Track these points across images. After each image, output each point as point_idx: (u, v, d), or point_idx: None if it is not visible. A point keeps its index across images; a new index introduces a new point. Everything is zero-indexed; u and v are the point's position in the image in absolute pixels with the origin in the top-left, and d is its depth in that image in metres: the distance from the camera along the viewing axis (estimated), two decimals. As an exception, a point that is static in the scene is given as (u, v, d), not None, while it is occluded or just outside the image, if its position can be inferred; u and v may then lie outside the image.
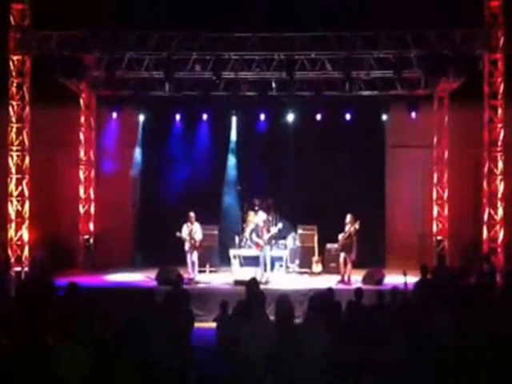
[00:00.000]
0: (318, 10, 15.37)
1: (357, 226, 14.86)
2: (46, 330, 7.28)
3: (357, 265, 15.44)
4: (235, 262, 16.11)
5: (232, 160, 18.57)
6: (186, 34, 15.18)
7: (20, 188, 15.80)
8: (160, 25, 15.37)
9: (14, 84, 15.67)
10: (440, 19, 14.78)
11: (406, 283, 11.14)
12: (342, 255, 15.18)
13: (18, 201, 15.78)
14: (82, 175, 18.36)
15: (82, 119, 18.35)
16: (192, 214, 15.26)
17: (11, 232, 15.71)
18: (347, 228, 15.10)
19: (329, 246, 16.80)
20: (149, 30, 15.32)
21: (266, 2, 15.49)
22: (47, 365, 5.99)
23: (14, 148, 15.80)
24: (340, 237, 15.26)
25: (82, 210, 18.38)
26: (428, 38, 14.97)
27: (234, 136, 18.46)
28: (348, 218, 15.12)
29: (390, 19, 15.01)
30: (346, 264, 15.14)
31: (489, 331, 7.67)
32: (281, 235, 16.89)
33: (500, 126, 15.47)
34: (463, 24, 14.99)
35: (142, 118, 18.01)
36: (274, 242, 15.79)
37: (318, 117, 17.29)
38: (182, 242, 15.21)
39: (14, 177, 15.79)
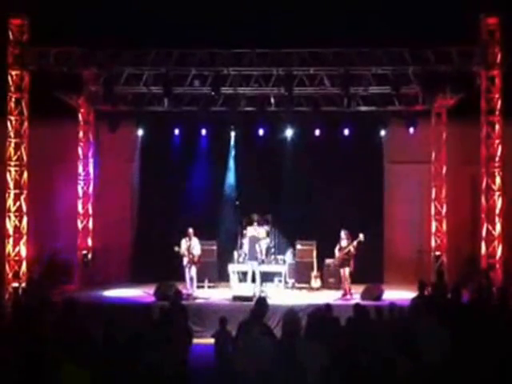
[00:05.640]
0: (317, 25, 15.44)
1: (355, 243, 14.89)
2: (45, 347, 7.23)
3: (355, 280, 15.44)
4: (234, 278, 16.07)
5: (230, 175, 18.58)
6: (184, 50, 15.25)
7: (18, 203, 15.78)
8: (159, 40, 15.44)
9: (13, 99, 15.70)
10: (437, 36, 14.87)
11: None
12: (342, 270, 15.22)
13: (15, 216, 15.75)
14: (80, 190, 18.36)
15: (81, 134, 18.38)
16: (191, 230, 15.24)
17: (9, 247, 15.67)
18: (344, 243, 15.12)
19: (328, 261, 16.77)
20: (148, 45, 15.38)
21: (264, 17, 15.56)
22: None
23: (12, 163, 15.79)
24: (336, 251, 15.28)
25: (80, 226, 18.36)
26: (425, 55, 15.06)
27: (232, 151, 18.47)
28: (343, 233, 15.16)
29: (388, 36, 15.09)
30: (346, 278, 15.17)
31: (482, 347, 7.66)
32: (279, 251, 16.95)
33: (497, 141, 15.53)
34: (460, 41, 15.09)
35: (140, 133, 18.02)
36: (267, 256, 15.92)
37: (317, 132, 17.37)
38: (180, 257, 15.18)
39: (12, 192, 15.77)
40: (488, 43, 15.15)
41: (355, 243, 14.94)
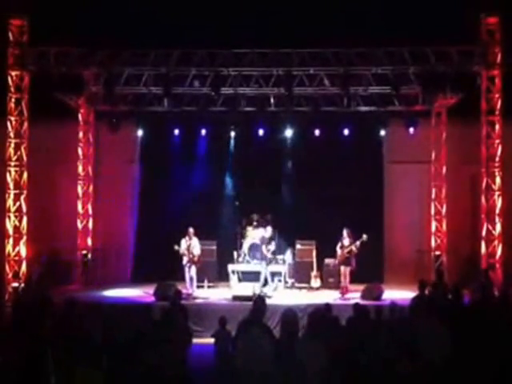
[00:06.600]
0: (317, 25, 15.44)
1: (358, 243, 14.91)
2: (45, 347, 7.24)
3: (355, 280, 15.47)
4: (234, 278, 16.08)
5: (230, 175, 18.58)
6: (184, 50, 15.26)
7: (18, 203, 15.81)
8: (159, 41, 15.44)
9: (13, 99, 15.73)
10: (437, 36, 14.86)
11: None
12: (343, 268, 15.26)
13: (15, 216, 15.77)
14: (80, 190, 18.36)
15: (81, 134, 18.38)
16: (191, 229, 15.25)
17: (9, 247, 15.68)
18: (346, 242, 15.14)
19: (327, 260, 16.78)
20: (148, 45, 15.38)
21: (264, 17, 15.56)
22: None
23: (12, 163, 15.82)
24: (338, 249, 15.30)
25: (80, 226, 18.36)
26: (426, 55, 15.06)
27: (232, 151, 18.47)
28: (345, 232, 15.20)
29: (388, 36, 15.09)
30: (345, 276, 15.21)
31: (482, 348, 7.66)
32: (279, 250, 16.95)
33: (497, 141, 15.54)
34: (460, 41, 15.08)
35: (140, 133, 18.02)
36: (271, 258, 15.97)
37: (317, 132, 17.38)
38: (180, 257, 15.18)
39: (12, 192, 15.79)
40: (488, 43, 15.15)
41: (358, 243, 14.96)
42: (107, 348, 7.70)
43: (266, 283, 15.42)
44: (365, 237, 14.82)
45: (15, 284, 15.23)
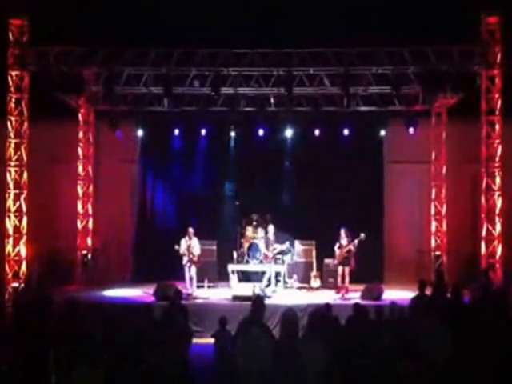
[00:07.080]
0: (317, 25, 15.45)
1: (356, 242, 14.93)
2: (45, 347, 7.24)
3: (355, 280, 15.46)
4: (234, 278, 16.08)
5: (230, 175, 18.57)
6: (185, 50, 15.26)
7: (18, 203, 15.81)
8: (159, 40, 15.44)
9: (13, 99, 15.72)
10: (438, 35, 14.85)
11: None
12: (341, 268, 15.27)
13: (15, 216, 15.77)
14: (80, 190, 18.36)
15: (81, 134, 18.38)
16: (191, 229, 15.26)
17: (9, 247, 15.68)
18: (344, 242, 15.16)
19: (327, 260, 16.77)
20: (148, 45, 15.38)
21: (264, 17, 15.57)
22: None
23: (13, 163, 15.82)
24: (336, 249, 15.31)
25: (80, 226, 18.36)
26: (426, 55, 15.06)
27: (232, 151, 18.46)
28: (342, 231, 15.22)
29: (388, 36, 15.09)
30: (344, 277, 15.19)
31: (482, 347, 7.66)
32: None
33: (497, 141, 15.53)
34: (461, 40, 15.08)
35: (140, 133, 18.02)
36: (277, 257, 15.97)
37: (317, 132, 17.38)
38: (180, 256, 15.19)
39: (12, 192, 15.80)
40: (488, 43, 15.15)
41: (356, 242, 14.98)
42: (107, 348, 7.71)
43: (269, 283, 15.44)
44: (362, 235, 14.84)
45: (15, 284, 15.24)
